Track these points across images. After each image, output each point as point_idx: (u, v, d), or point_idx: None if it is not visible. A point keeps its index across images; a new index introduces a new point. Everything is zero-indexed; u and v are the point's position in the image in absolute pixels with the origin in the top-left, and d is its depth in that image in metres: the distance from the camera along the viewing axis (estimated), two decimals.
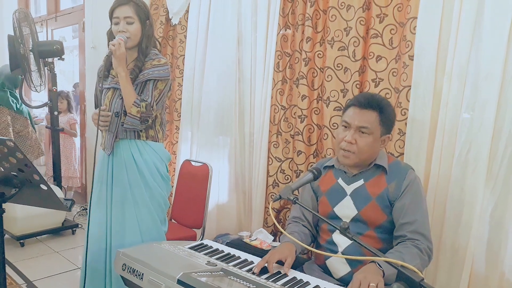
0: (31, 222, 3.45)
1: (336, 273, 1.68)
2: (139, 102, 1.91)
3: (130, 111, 1.91)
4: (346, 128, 1.67)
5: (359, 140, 1.63)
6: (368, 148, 1.64)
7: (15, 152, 1.48)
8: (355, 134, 1.63)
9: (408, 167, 1.70)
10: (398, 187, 1.62)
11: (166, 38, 3.28)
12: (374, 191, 1.65)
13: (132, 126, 1.95)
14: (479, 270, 1.83)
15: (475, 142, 1.79)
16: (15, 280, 2.82)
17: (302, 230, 1.79)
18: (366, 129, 1.62)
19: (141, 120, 1.92)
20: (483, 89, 1.76)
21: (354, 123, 1.64)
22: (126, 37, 1.92)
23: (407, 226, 1.58)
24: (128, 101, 1.92)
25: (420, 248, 1.54)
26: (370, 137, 1.63)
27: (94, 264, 2.02)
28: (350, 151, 1.64)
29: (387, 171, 1.66)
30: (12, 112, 3.84)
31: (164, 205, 2.10)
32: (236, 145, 2.87)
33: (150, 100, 1.95)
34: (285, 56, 2.57)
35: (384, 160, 1.69)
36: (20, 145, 3.87)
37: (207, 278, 1.36)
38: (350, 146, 1.63)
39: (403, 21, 2.05)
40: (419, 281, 1.11)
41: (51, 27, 5.14)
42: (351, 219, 1.67)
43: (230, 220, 2.92)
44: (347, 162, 1.68)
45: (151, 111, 1.94)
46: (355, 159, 1.65)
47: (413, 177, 1.65)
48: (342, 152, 1.67)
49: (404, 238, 1.58)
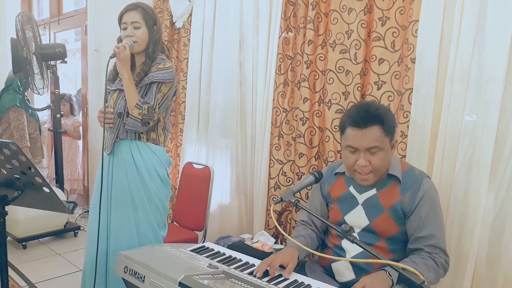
0: (33, 224, 3.46)
1: (340, 277, 1.66)
2: (141, 104, 1.92)
3: (132, 112, 1.93)
4: (353, 151, 1.57)
5: (373, 160, 1.54)
6: (383, 162, 1.56)
7: (18, 155, 1.49)
8: (366, 156, 1.54)
9: (423, 175, 1.63)
10: (413, 199, 1.56)
11: (171, 42, 3.30)
12: (387, 202, 1.59)
13: (133, 128, 1.96)
14: (483, 273, 1.82)
15: (479, 145, 1.78)
16: (17, 283, 2.82)
17: (309, 234, 1.76)
18: (376, 148, 1.53)
19: (142, 122, 1.94)
20: (486, 92, 1.76)
21: (362, 146, 1.54)
22: (133, 41, 1.95)
23: (424, 240, 1.53)
24: (130, 103, 1.93)
25: (436, 262, 1.50)
26: (382, 152, 1.54)
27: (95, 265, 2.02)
28: (366, 173, 1.57)
29: (401, 181, 1.59)
30: (27, 114, 3.89)
31: (163, 209, 2.09)
32: (238, 147, 2.87)
33: (153, 103, 1.96)
34: (287, 58, 2.57)
35: (397, 169, 1.61)
36: (31, 148, 3.94)
37: (209, 281, 1.37)
38: (365, 169, 1.55)
39: (405, 24, 2.06)
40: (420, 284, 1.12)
41: (53, 30, 5.16)
42: (362, 229, 1.63)
43: (231, 222, 2.92)
44: (368, 184, 1.61)
45: (153, 113, 1.95)
46: (374, 178, 1.59)
47: (428, 187, 1.58)
48: (359, 176, 1.59)
49: (420, 252, 1.54)
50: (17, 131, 3.77)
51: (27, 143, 3.81)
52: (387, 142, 1.56)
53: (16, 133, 3.77)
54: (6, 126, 3.82)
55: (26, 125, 3.86)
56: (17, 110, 3.79)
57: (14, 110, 3.78)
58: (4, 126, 3.82)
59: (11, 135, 3.78)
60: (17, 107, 3.79)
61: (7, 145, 1.47)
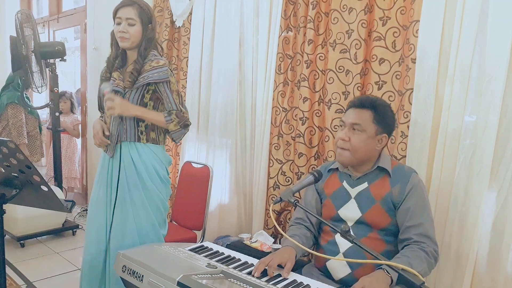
0: (31, 223, 3.45)
1: (336, 275, 1.67)
2: (169, 118, 1.97)
3: (170, 129, 1.99)
4: (341, 127, 1.72)
5: (352, 137, 1.66)
6: (362, 145, 1.65)
7: (16, 153, 1.48)
8: (348, 132, 1.67)
9: (412, 170, 1.70)
10: (402, 191, 1.63)
11: (172, 41, 3.29)
12: (378, 194, 1.66)
13: (181, 136, 2.06)
14: (483, 274, 1.82)
15: (479, 145, 1.78)
16: (15, 281, 2.81)
17: (303, 233, 1.79)
18: (359, 126, 1.65)
19: (183, 127, 2.01)
20: (487, 92, 1.76)
21: (347, 121, 1.68)
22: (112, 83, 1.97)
23: (413, 229, 1.59)
24: (161, 124, 1.99)
25: (426, 251, 1.54)
26: (363, 134, 1.65)
27: (93, 265, 2.02)
28: (344, 148, 1.67)
29: (391, 174, 1.67)
30: (25, 111, 3.88)
31: (163, 208, 2.09)
32: (237, 146, 2.87)
33: (175, 106, 1.99)
34: (287, 58, 2.56)
35: (387, 163, 1.70)
36: (29, 145, 3.92)
37: (207, 281, 1.36)
38: (344, 143, 1.67)
39: (406, 24, 2.05)
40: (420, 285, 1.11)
41: (53, 28, 5.15)
42: (355, 222, 1.67)
43: (230, 222, 2.92)
44: (342, 160, 1.71)
45: (182, 114, 2.00)
46: (350, 156, 1.67)
47: (417, 181, 1.66)
48: (337, 150, 1.72)
49: (410, 241, 1.58)
50: (15, 128, 3.76)
51: (24, 140, 3.79)
52: (373, 129, 1.66)
53: (14, 130, 3.76)
54: (5, 124, 3.81)
55: (24, 123, 3.84)
56: (15, 107, 3.78)
57: (13, 107, 3.77)
58: (3, 123, 3.81)
59: (9, 132, 3.78)
60: (15, 104, 3.77)
61: (4, 144, 1.46)
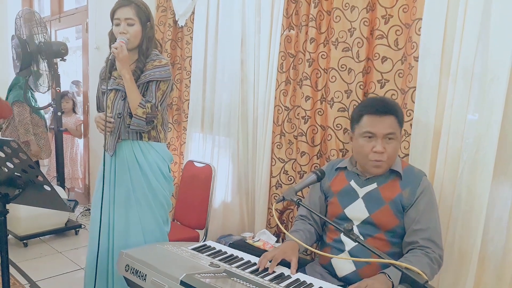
0: (34, 222, 3.46)
1: (340, 272, 1.68)
2: (144, 103, 1.92)
3: (136, 112, 1.92)
4: (370, 138, 1.64)
5: (388, 147, 1.62)
6: (396, 153, 1.65)
7: (19, 153, 1.48)
8: (383, 142, 1.62)
9: (422, 173, 1.70)
10: (412, 194, 1.62)
11: (175, 40, 3.29)
12: (387, 196, 1.64)
13: (138, 127, 1.96)
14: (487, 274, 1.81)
15: (483, 143, 1.77)
16: (18, 280, 2.82)
17: (307, 228, 1.80)
18: (393, 135, 1.62)
19: (147, 121, 1.94)
20: (490, 91, 1.74)
21: (380, 132, 1.61)
22: (127, 39, 1.93)
23: (419, 233, 1.58)
24: (133, 103, 1.92)
25: (430, 257, 1.53)
26: (396, 142, 1.64)
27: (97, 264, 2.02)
28: (382, 160, 1.62)
29: (402, 177, 1.66)
30: (30, 110, 3.90)
31: (167, 206, 2.10)
32: (239, 145, 2.86)
33: (155, 101, 1.96)
34: (289, 57, 2.56)
35: (398, 165, 1.68)
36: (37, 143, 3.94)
37: (210, 280, 1.36)
38: (380, 156, 1.61)
39: (409, 22, 2.04)
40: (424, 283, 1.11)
41: (54, 28, 5.15)
42: (361, 221, 1.67)
43: (233, 221, 2.92)
44: (380, 172, 1.66)
45: (156, 111, 1.96)
46: (386, 167, 1.65)
47: (427, 184, 1.65)
48: (374, 163, 1.64)
49: (415, 245, 1.58)
50: (21, 125, 3.81)
51: (31, 137, 3.84)
52: (399, 133, 1.67)
53: (20, 127, 3.81)
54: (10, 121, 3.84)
55: (30, 120, 3.87)
56: (21, 105, 3.82)
57: (18, 105, 3.81)
58: (8, 120, 3.84)
59: (15, 129, 3.81)
60: (20, 102, 3.82)
61: (7, 143, 1.46)
